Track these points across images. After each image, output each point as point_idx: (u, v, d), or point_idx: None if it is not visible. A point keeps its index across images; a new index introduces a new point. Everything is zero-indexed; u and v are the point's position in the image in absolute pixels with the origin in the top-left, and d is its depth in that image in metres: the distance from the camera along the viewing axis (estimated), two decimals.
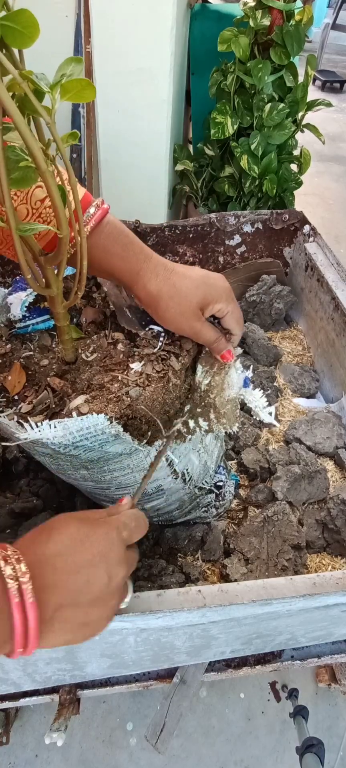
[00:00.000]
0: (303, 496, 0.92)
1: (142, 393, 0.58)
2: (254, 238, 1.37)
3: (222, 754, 1.20)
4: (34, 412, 0.59)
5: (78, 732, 1.20)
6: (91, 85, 0.41)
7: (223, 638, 0.68)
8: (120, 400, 0.57)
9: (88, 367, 0.64)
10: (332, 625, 0.74)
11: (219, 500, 0.89)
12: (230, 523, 0.90)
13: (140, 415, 0.59)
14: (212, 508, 0.88)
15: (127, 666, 0.75)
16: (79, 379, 0.62)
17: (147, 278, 0.58)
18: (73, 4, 1.67)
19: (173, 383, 0.61)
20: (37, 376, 0.65)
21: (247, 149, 1.70)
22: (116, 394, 0.58)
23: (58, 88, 0.40)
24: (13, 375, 0.63)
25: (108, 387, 0.60)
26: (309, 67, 1.69)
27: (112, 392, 0.58)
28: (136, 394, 0.58)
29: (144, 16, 1.54)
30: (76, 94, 0.41)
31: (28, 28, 0.35)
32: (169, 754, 1.19)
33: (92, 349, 0.66)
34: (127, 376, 0.60)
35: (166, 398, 0.61)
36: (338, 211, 3.64)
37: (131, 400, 0.58)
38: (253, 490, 0.95)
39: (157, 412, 0.61)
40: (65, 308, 0.59)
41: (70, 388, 0.61)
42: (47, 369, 0.65)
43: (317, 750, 0.82)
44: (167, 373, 0.61)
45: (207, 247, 1.36)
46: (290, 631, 0.72)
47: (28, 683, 0.74)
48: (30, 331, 0.70)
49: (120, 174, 1.89)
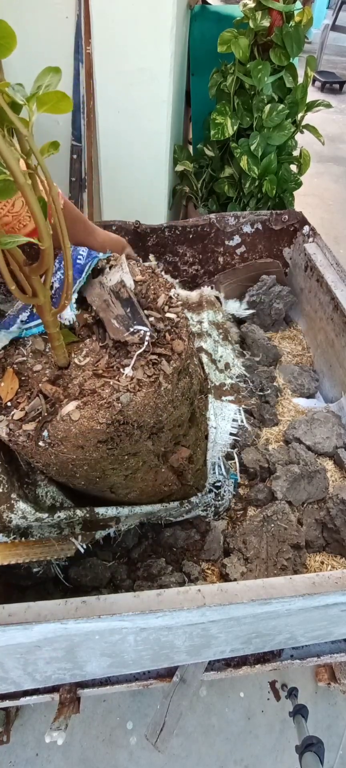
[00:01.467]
0: (303, 496, 0.93)
1: (133, 398, 0.59)
2: (253, 238, 1.37)
3: (222, 753, 1.20)
4: (27, 419, 0.60)
5: (78, 731, 1.21)
6: (67, 98, 0.41)
7: (223, 637, 0.68)
8: (111, 406, 0.58)
9: (80, 371, 0.64)
10: (332, 625, 0.74)
11: (218, 500, 0.89)
12: (229, 523, 0.90)
13: (132, 420, 0.60)
14: (211, 507, 0.88)
15: (127, 665, 0.75)
16: (72, 384, 0.63)
17: (90, 243, 0.84)
18: (73, 6, 1.67)
19: (164, 387, 0.62)
20: (30, 381, 0.65)
21: (247, 150, 1.70)
22: (107, 399, 0.58)
23: (35, 101, 0.40)
24: (5, 381, 0.63)
25: (99, 392, 0.60)
26: (309, 68, 1.69)
27: (103, 398, 0.59)
28: (126, 399, 0.58)
29: (144, 17, 1.54)
30: (53, 106, 0.40)
31: (6, 39, 0.35)
32: (169, 753, 1.19)
33: (85, 353, 0.67)
34: (119, 381, 0.61)
35: (158, 402, 0.61)
36: (338, 212, 3.64)
37: (122, 405, 0.58)
38: (253, 489, 0.95)
39: (148, 416, 0.62)
40: (54, 315, 0.59)
41: (62, 393, 0.61)
42: (40, 374, 0.65)
43: (316, 749, 0.82)
44: (158, 378, 0.61)
45: (207, 248, 1.36)
46: (289, 630, 0.72)
47: (29, 682, 0.74)
48: (23, 336, 0.70)
49: (120, 174, 1.89)
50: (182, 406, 0.71)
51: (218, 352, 1.07)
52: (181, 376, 0.67)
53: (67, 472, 0.64)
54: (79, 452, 0.60)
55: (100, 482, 0.67)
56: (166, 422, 0.67)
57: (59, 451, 0.59)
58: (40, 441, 0.59)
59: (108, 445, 0.61)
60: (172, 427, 0.70)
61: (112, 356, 0.65)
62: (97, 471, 0.65)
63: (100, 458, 0.62)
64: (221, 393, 1.00)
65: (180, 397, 0.68)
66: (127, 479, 0.69)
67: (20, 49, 1.72)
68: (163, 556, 0.83)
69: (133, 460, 0.66)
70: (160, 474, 0.73)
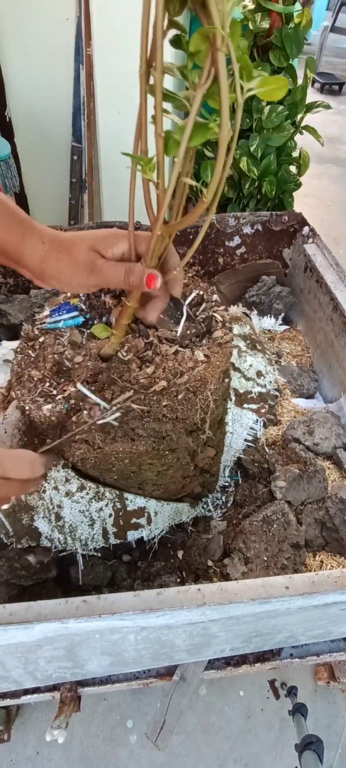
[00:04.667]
0: (302, 496, 0.93)
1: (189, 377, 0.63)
2: (253, 239, 1.38)
3: (222, 752, 1.21)
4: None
5: (79, 729, 1.21)
6: (285, 87, 0.42)
7: (222, 636, 0.69)
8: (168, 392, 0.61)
9: (124, 366, 0.66)
10: (331, 624, 0.74)
11: (223, 501, 0.90)
12: (229, 524, 0.91)
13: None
14: (217, 508, 0.89)
15: (127, 664, 0.76)
16: (119, 378, 0.64)
17: (32, 245, 0.52)
18: (73, 7, 1.67)
19: (214, 385, 0.65)
20: (71, 372, 0.66)
21: (246, 151, 1.71)
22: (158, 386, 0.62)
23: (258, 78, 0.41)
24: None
25: (144, 383, 0.62)
26: (308, 69, 1.70)
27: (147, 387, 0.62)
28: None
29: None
30: (269, 92, 0.42)
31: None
32: (169, 752, 1.19)
33: (127, 348, 0.68)
34: (181, 363, 0.64)
35: (209, 398, 0.66)
36: (337, 213, 3.65)
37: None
38: (252, 490, 0.96)
39: (200, 412, 0.65)
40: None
41: (110, 385, 0.63)
42: (81, 366, 0.66)
43: (316, 747, 0.83)
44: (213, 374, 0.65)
45: (207, 249, 1.37)
46: (289, 629, 0.72)
47: (29, 681, 0.74)
48: (61, 327, 0.71)
49: (120, 175, 1.90)
50: (220, 407, 0.72)
51: (246, 362, 1.09)
52: (224, 376, 0.68)
53: (106, 465, 0.64)
54: (130, 444, 0.61)
55: (133, 478, 0.67)
56: (208, 419, 0.67)
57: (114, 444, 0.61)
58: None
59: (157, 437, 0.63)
60: (210, 426, 0.71)
61: (157, 353, 0.67)
62: (135, 465, 0.65)
63: (145, 451, 0.63)
64: (243, 400, 1.01)
65: (220, 396, 0.69)
66: (159, 476, 0.69)
67: (20, 50, 1.74)
68: (164, 556, 0.83)
69: (171, 456, 0.67)
70: (187, 473, 0.74)
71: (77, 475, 0.66)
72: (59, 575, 0.79)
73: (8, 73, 1.74)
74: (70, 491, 0.66)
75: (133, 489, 0.71)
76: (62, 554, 0.75)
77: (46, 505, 0.68)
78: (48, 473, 0.65)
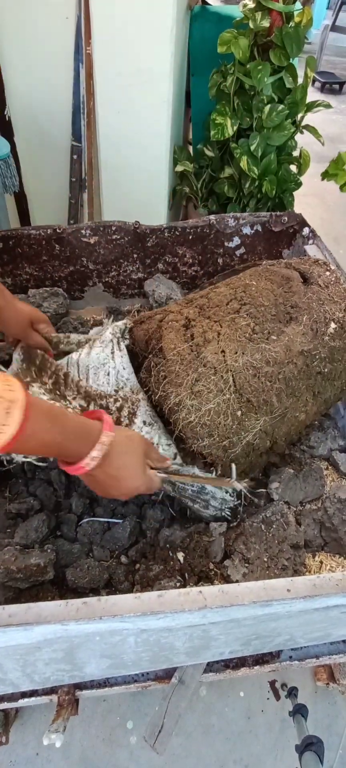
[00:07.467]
0: (300, 496, 0.93)
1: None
2: (253, 240, 1.37)
3: (222, 753, 1.21)
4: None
5: (78, 730, 1.21)
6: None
7: (222, 639, 0.68)
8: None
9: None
10: (331, 626, 0.74)
11: (234, 501, 0.90)
12: (230, 525, 0.90)
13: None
14: (228, 510, 0.89)
15: (126, 666, 0.75)
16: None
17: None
18: (73, 6, 1.67)
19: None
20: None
21: (246, 150, 1.70)
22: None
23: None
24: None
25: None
26: (308, 68, 1.69)
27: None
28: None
29: (144, 17, 1.54)
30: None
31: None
32: (169, 753, 1.19)
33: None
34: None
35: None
36: (337, 212, 3.64)
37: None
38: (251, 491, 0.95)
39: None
40: None
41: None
42: None
43: (316, 748, 0.82)
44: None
45: (206, 249, 1.36)
46: (288, 632, 0.72)
47: (27, 683, 0.74)
48: None
49: (120, 175, 1.89)
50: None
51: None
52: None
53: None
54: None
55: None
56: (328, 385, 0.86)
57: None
58: None
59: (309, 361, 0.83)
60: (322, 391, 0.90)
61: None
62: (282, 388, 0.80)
63: (293, 376, 0.81)
64: None
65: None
66: (284, 417, 0.82)
67: (20, 49, 1.73)
68: (164, 556, 0.83)
69: (304, 396, 0.85)
70: (292, 427, 0.88)
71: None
72: (56, 577, 0.78)
73: (8, 72, 1.74)
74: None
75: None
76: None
77: None
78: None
